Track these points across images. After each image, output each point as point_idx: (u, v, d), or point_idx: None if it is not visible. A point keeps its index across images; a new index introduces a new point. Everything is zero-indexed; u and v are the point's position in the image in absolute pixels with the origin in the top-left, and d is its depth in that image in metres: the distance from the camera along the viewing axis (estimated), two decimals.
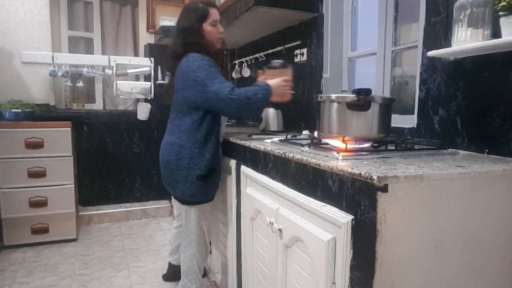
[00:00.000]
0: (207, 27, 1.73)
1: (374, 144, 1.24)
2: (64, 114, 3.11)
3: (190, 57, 1.66)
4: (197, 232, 1.81)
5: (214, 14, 1.74)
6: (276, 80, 1.65)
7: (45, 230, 2.82)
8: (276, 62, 1.77)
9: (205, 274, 2.34)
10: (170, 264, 2.26)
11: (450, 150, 1.26)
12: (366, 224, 0.86)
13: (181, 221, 1.99)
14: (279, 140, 1.55)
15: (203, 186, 1.73)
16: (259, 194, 1.48)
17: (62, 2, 3.46)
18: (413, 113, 1.55)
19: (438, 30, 1.38)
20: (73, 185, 2.86)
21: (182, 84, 1.68)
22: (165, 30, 3.29)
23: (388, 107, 1.28)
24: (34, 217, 2.77)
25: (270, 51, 2.67)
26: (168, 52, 1.79)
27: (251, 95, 1.57)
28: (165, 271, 2.34)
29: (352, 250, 0.92)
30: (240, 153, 1.69)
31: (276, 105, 1.69)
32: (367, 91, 1.19)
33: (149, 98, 3.56)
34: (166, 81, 3.53)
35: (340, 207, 0.97)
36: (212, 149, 1.72)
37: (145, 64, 3.55)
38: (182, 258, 1.86)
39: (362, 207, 0.88)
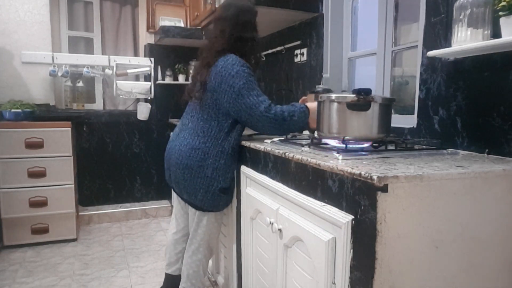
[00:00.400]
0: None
1: (374, 144, 1.24)
2: (64, 114, 3.11)
3: (229, 58, 1.55)
4: (207, 238, 1.76)
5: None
6: (316, 104, 1.51)
7: (45, 230, 2.82)
8: (319, 86, 1.73)
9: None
10: (168, 275, 1.95)
11: (450, 150, 1.26)
12: (366, 224, 0.86)
13: (180, 225, 1.91)
14: (279, 140, 1.55)
15: (224, 197, 1.67)
16: (259, 194, 1.48)
17: (62, 2, 3.46)
18: (413, 113, 1.55)
19: (438, 30, 1.38)
20: (73, 185, 2.86)
21: (215, 86, 1.55)
22: (165, 30, 3.29)
23: (388, 107, 1.27)
24: (34, 217, 2.78)
25: (270, 51, 2.68)
26: (213, 45, 1.63)
27: (287, 115, 1.49)
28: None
29: (352, 250, 0.92)
30: (240, 153, 1.69)
31: (311, 130, 1.61)
32: (367, 91, 1.19)
33: (149, 98, 3.57)
34: (166, 81, 3.55)
35: (340, 207, 0.97)
36: (236, 159, 1.67)
37: (145, 64, 3.55)
38: (187, 261, 1.79)
39: (362, 207, 0.88)
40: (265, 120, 1.48)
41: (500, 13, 1.08)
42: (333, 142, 1.27)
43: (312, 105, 1.55)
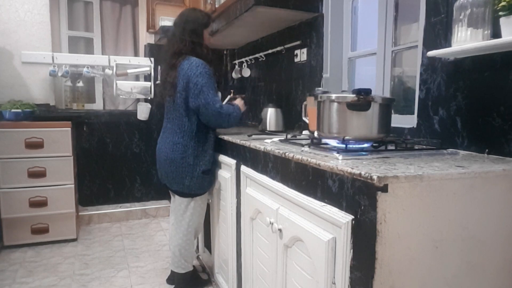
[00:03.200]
0: (206, 33, 1.96)
1: (374, 144, 1.24)
2: (64, 114, 3.11)
3: (194, 61, 1.83)
4: (196, 219, 2.02)
5: (212, 25, 2.03)
6: (241, 103, 2.05)
7: (45, 230, 2.82)
8: (318, 89, 2.03)
9: (204, 272, 2.34)
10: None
11: (450, 150, 1.26)
12: (366, 224, 0.86)
13: (176, 214, 2.06)
14: (279, 140, 1.55)
15: (207, 178, 1.95)
16: (259, 194, 1.48)
17: (62, 2, 3.46)
18: (413, 113, 1.55)
19: (438, 30, 1.38)
20: (73, 185, 2.86)
21: (184, 86, 1.82)
22: (165, 30, 3.29)
23: (388, 107, 1.27)
24: (34, 217, 2.78)
25: (270, 51, 2.67)
26: (172, 47, 1.91)
27: (231, 112, 1.87)
28: (165, 271, 2.34)
29: (352, 250, 0.92)
30: (240, 153, 1.69)
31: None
32: (367, 91, 1.19)
33: (149, 98, 3.57)
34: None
35: (340, 207, 0.97)
36: (212, 144, 1.95)
37: (145, 64, 3.55)
38: (179, 242, 2.00)
39: (362, 207, 0.88)
40: (217, 115, 1.81)
41: (500, 13, 1.08)
42: (333, 142, 1.27)
43: (238, 102, 2.04)
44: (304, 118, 1.94)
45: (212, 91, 1.81)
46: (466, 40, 1.16)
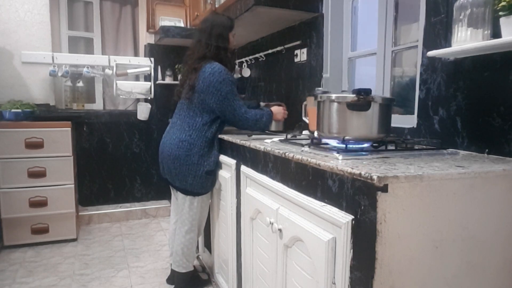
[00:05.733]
0: (230, 36, 1.97)
1: (374, 144, 1.24)
2: (64, 114, 3.11)
3: (216, 66, 1.85)
4: (199, 218, 2.02)
5: (235, 27, 2.01)
6: (278, 108, 2.06)
7: (45, 230, 2.82)
8: (318, 89, 2.05)
9: (204, 272, 2.34)
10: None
11: (450, 150, 1.26)
12: (366, 224, 0.86)
13: (179, 213, 2.07)
14: (279, 140, 1.55)
15: (210, 178, 1.95)
16: (259, 194, 1.48)
17: (62, 2, 3.46)
18: (413, 113, 1.55)
19: (438, 30, 1.38)
20: (73, 185, 2.86)
21: (203, 88, 1.84)
22: (165, 30, 3.29)
23: (388, 107, 1.27)
24: (34, 217, 2.78)
25: (270, 51, 2.68)
26: (196, 52, 1.93)
27: (259, 117, 1.91)
28: (165, 271, 2.34)
29: (352, 250, 0.92)
30: (240, 153, 1.69)
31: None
32: (367, 91, 1.19)
33: (149, 98, 3.57)
34: (166, 81, 3.55)
35: (340, 207, 0.97)
36: (218, 146, 1.96)
37: (145, 64, 3.55)
38: (181, 241, 2.01)
39: (362, 207, 0.88)
40: (244, 119, 1.88)
41: (500, 13, 1.08)
42: (333, 142, 1.27)
43: (274, 108, 2.04)
44: (304, 118, 1.94)
45: (236, 97, 1.87)
46: (466, 40, 1.16)
